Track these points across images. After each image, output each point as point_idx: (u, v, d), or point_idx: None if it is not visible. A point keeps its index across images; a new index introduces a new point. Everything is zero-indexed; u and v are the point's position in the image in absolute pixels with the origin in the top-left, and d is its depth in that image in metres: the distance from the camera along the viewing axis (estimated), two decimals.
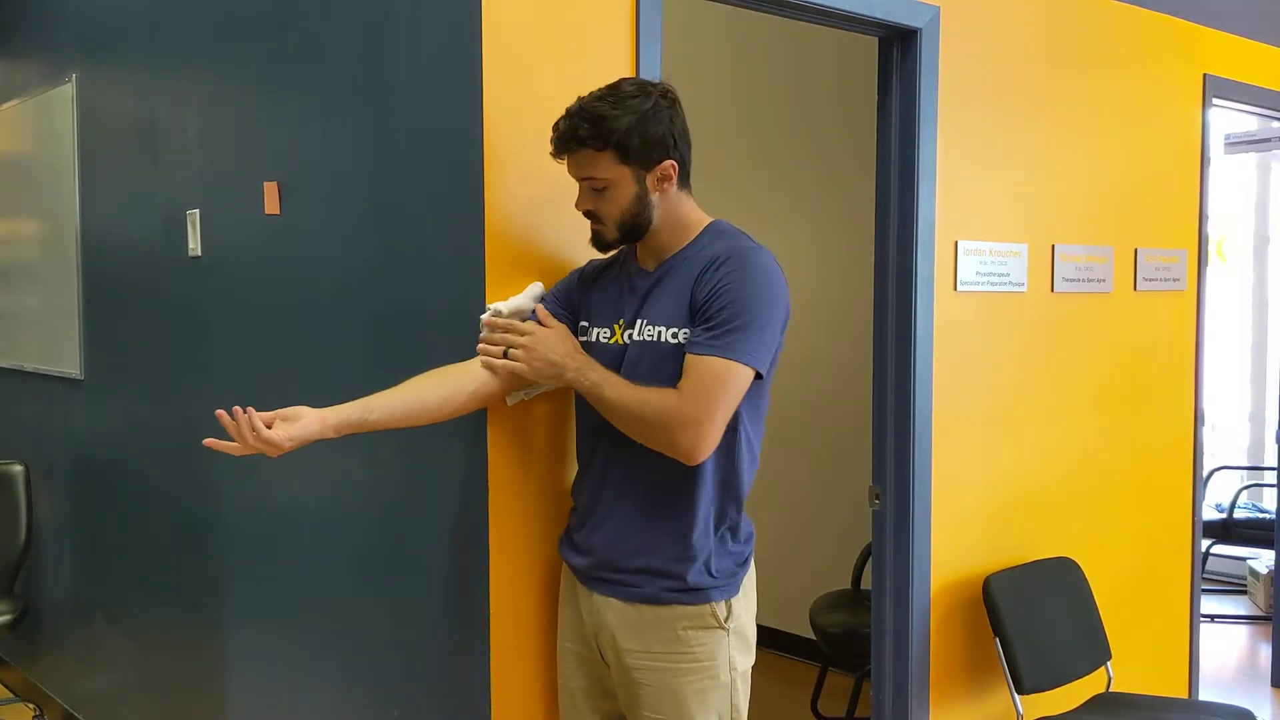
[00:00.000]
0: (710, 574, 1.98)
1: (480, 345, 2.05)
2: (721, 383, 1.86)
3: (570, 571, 2.13)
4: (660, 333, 1.96)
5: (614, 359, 2.01)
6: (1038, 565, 3.19)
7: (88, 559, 3.95)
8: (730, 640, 2.00)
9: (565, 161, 1.98)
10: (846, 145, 4.14)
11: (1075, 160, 3.30)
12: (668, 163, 1.95)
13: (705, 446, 1.88)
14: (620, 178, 1.93)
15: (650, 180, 1.95)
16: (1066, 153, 3.27)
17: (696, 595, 1.97)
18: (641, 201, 1.95)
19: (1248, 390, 6.55)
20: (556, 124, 1.95)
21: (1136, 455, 3.56)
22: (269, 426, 1.82)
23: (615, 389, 1.92)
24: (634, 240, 2.02)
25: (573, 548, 2.11)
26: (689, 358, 1.89)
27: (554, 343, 1.99)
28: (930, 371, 2.90)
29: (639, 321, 1.99)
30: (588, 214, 2.00)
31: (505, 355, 2.01)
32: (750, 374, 1.90)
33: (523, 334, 2.00)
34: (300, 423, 1.85)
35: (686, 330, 1.93)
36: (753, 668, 2.08)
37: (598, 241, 2.03)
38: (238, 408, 1.80)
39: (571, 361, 1.97)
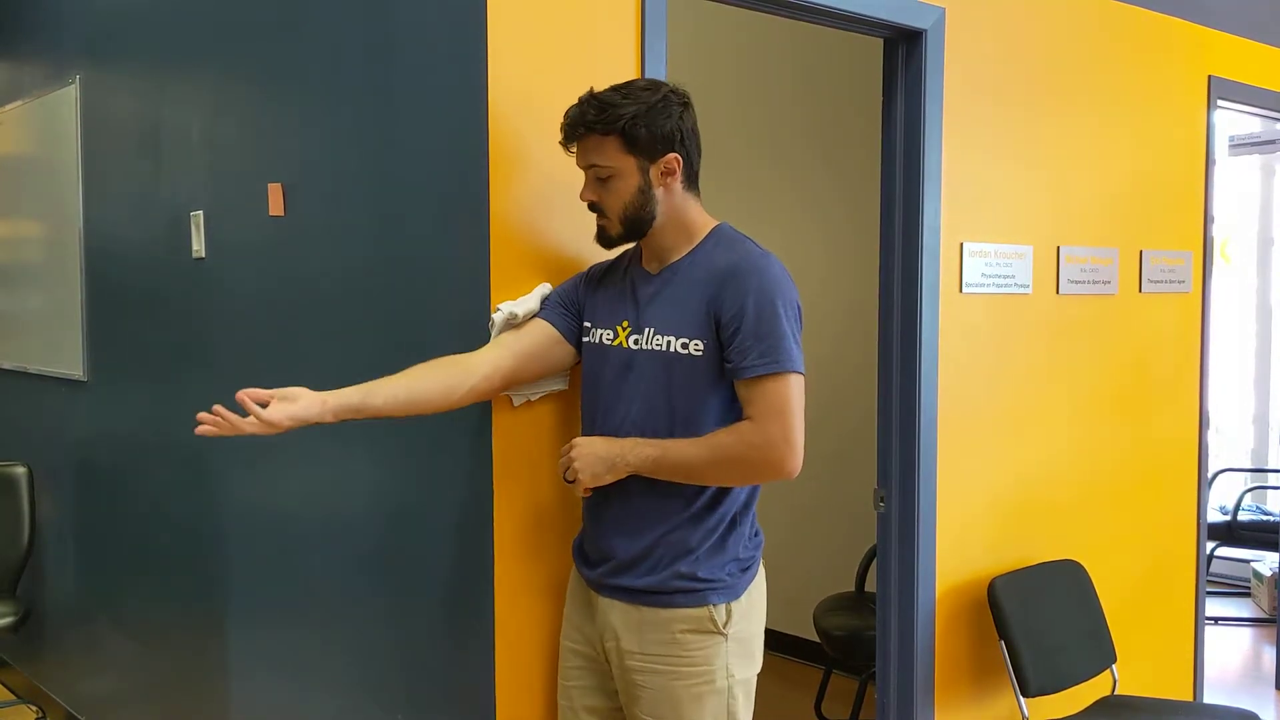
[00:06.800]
0: (709, 574, 1.97)
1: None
2: (787, 397, 1.91)
3: (580, 576, 2.13)
4: (669, 342, 1.95)
5: (616, 361, 2.01)
6: (1043, 568, 3.18)
7: (90, 561, 3.94)
8: (729, 647, 1.99)
9: (575, 151, 1.98)
10: (854, 146, 4.13)
11: (1080, 162, 3.30)
12: (671, 156, 1.95)
13: (799, 459, 1.93)
14: (625, 167, 1.94)
15: (654, 173, 1.95)
16: (1071, 154, 3.27)
17: (694, 596, 1.97)
18: (644, 195, 1.96)
19: (1251, 392, 6.55)
20: (567, 111, 1.96)
21: (1141, 457, 3.55)
22: (265, 405, 1.80)
23: (680, 450, 1.93)
24: (637, 237, 2.02)
25: (583, 558, 2.11)
26: (748, 383, 1.91)
27: (598, 444, 1.98)
28: (935, 373, 2.89)
29: (647, 329, 1.99)
30: (592, 206, 2.00)
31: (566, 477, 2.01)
32: (801, 379, 1.94)
33: (571, 448, 2.00)
34: (300, 403, 1.83)
35: (699, 341, 1.93)
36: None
37: (602, 237, 2.03)
38: (218, 407, 1.78)
39: (621, 450, 1.96)
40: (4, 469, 4.02)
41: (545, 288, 2.14)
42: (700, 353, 1.93)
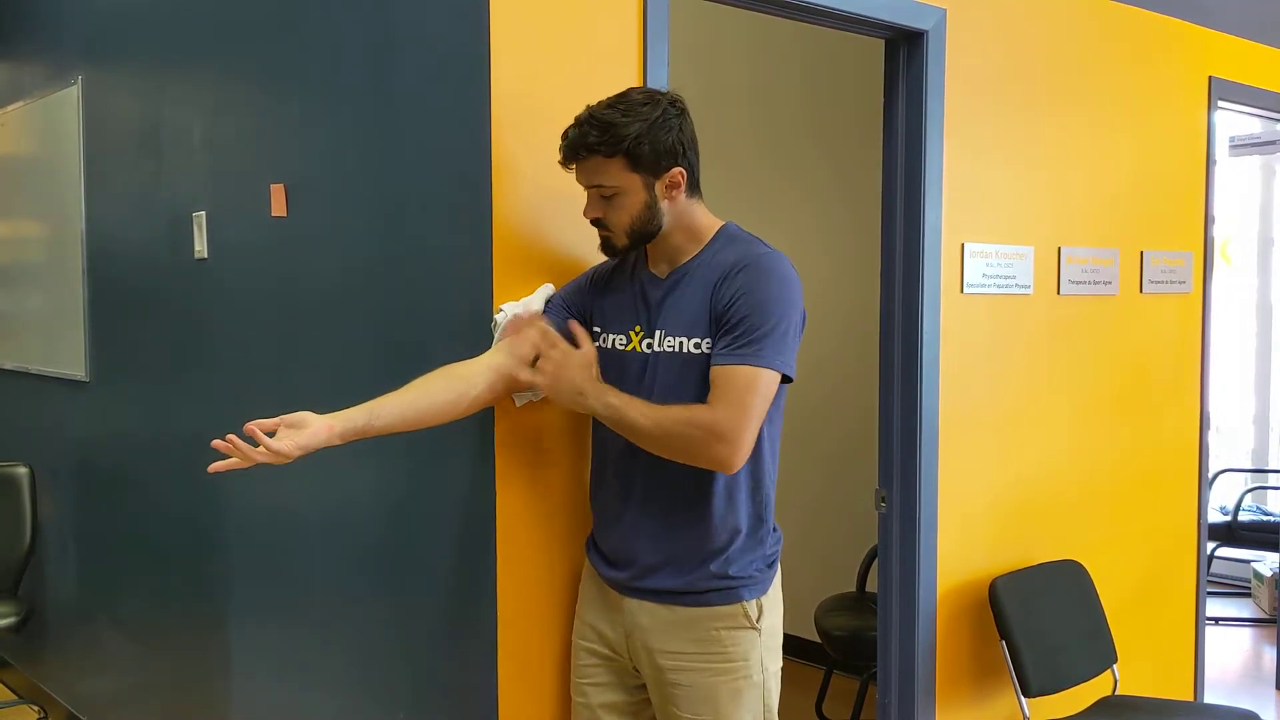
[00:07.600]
0: (740, 571, 1.99)
1: (515, 337, 2.04)
2: (751, 390, 1.87)
3: (597, 575, 2.13)
4: (681, 343, 1.96)
5: (633, 366, 2.02)
6: (1044, 568, 3.18)
7: (92, 561, 3.94)
8: (762, 641, 2.02)
9: (574, 170, 1.98)
10: (856, 147, 4.13)
11: (1081, 162, 3.30)
12: (676, 170, 1.95)
13: (742, 455, 1.89)
14: (629, 185, 1.94)
15: (659, 188, 1.95)
16: (1072, 155, 3.27)
17: (728, 594, 1.99)
18: (651, 209, 1.96)
19: (1252, 393, 6.55)
20: (566, 132, 1.95)
21: (1142, 458, 3.55)
22: (273, 433, 1.81)
23: (639, 410, 1.91)
24: (644, 244, 2.02)
25: (603, 559, 2.11)
26: (716, 369, 1.89)
27: (576, 370, 1.97)
28: (936, 374, 2.89)
29: (658, 332, 1.99)
30: (595, 222, 2.00)
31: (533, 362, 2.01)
32: (777, 379, 1.91)
33: (554, 346, 1.98)
34: (307, 431, 1.82)
35: (709, 339, 1.93)
36: None
37: (607, 247, 2.03)
38: (232, 435, 1.78)
39: (590, 389, 1.96)
40: (5, 469, 4.02)
41: (548, 288, 2.14)
42: (711, 350, 1.93)
